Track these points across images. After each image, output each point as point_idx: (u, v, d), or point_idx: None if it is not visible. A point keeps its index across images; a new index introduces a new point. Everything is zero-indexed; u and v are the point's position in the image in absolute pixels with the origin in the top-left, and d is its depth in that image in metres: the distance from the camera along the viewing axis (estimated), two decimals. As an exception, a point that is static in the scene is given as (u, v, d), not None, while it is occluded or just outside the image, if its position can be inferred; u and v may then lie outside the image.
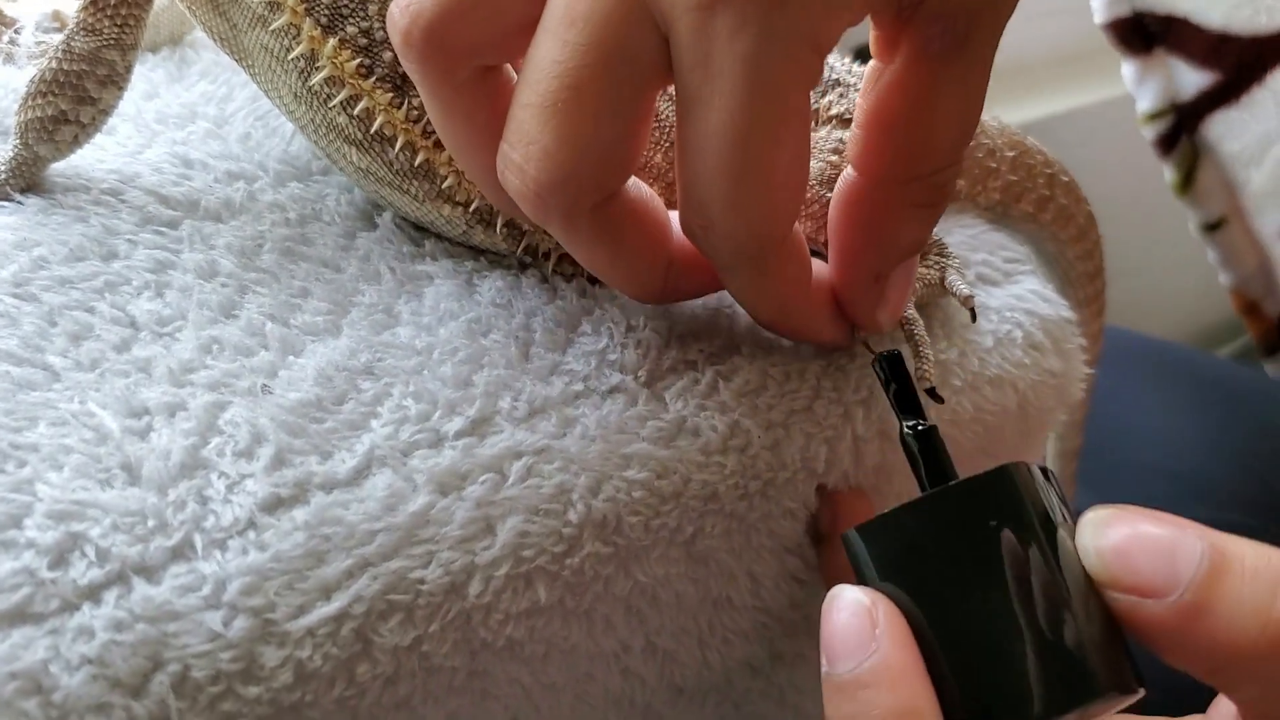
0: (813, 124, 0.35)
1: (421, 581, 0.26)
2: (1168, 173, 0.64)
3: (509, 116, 0.25)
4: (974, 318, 0.34)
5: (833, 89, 0.36)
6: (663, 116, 0.33)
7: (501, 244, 0.33)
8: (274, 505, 0.26)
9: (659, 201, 0.29)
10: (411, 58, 0.25)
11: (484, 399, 0.29)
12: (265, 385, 0.28)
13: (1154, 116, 0.64)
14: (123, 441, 0.26)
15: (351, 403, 0.28)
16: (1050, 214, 0.42)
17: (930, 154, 0.27)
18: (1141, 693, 0.24)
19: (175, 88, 0.39)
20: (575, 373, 0.30)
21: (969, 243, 0.38)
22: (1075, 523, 0.24)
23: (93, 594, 0.24)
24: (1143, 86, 0.64)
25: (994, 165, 0.39)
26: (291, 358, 0.29)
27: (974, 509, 0.24)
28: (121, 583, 0.24)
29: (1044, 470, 0.25)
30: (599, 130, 0.24)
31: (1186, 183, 0.65)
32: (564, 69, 0.24)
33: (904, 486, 0.34)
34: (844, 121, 0.35)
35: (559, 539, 0.28)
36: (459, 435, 0.28)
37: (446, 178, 0.32)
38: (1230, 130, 0.62)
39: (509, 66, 0.27)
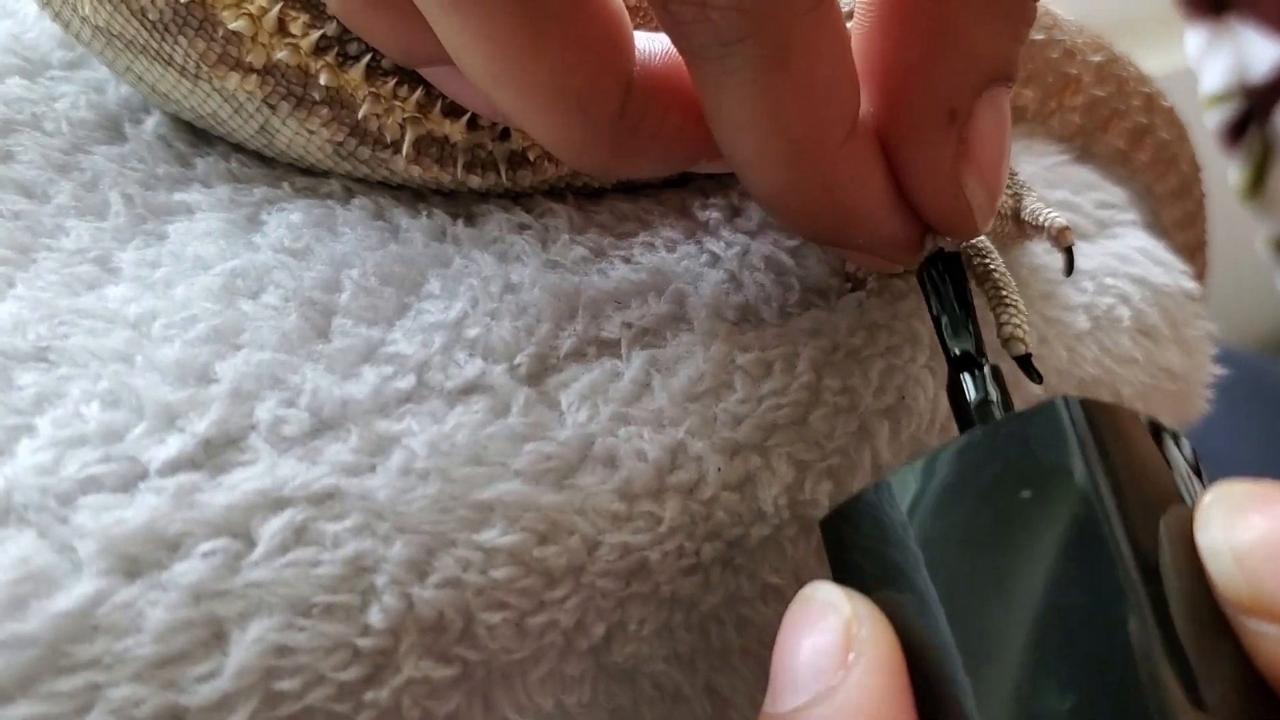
0: None
1: (52, 753, 0.14)
2: (1232, 173, 0.55)
3: None
4: (1070, 268, 0.21)
5: None
6: None
7: (321, 134, 0.20)
8: None
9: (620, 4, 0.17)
10: None
11: (229, 403, 0.16)
12: None
13: (1219, 99, 0.54)
14: None
15: (-20, 408, 0.16)
16: (1148, 153, 0.30)
17: None
18: None
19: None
20: (403, 358, 0.18)
21: (1044, 177, 0.25)
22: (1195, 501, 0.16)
23: None
24: (1208, 60, 0.55)
25: (1074, 72, 0.27)
26: (-108, 330, 0.17)
27: (1022, 460, 0.15)
28: None
29: (1155, 424, 0.17)
30: None
31: (1256, 185, 0.55)
32: None
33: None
34: None
35: (351, 658, 0.15)
36: (172, 468, 0.16)
37: (234, 22, 0.19)
38: None
39: None
